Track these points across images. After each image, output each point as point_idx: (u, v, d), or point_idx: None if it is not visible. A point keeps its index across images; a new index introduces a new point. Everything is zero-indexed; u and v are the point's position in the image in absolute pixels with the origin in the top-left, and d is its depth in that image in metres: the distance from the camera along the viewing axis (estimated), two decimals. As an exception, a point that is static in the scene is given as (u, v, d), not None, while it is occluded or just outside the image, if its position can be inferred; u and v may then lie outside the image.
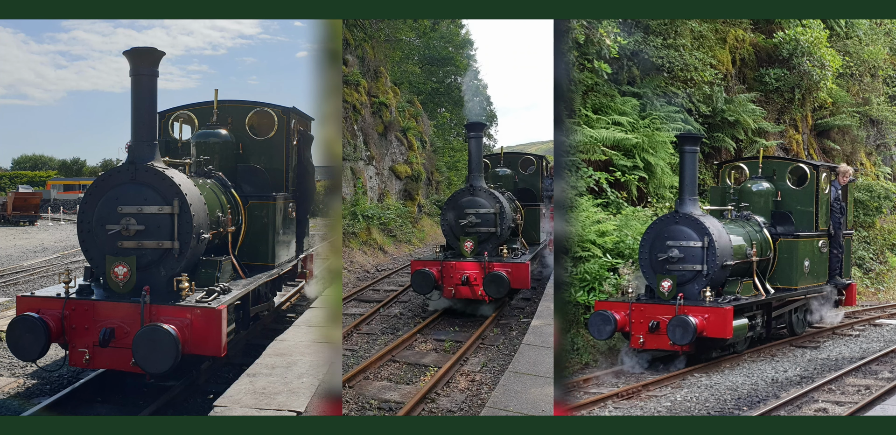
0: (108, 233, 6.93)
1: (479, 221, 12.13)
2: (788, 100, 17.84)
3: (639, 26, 14.57)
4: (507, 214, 12.30)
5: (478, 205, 12.30)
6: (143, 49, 7.07)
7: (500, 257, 11.87)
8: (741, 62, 17.40)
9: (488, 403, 6.64)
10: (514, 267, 11.44)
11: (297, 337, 7.89)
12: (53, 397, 7.05)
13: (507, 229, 12.37)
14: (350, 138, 20.82)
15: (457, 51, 40.47)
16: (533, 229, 15.06)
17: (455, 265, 11.59)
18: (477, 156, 12.64)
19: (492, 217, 12.20)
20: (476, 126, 12.91)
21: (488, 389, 7.62)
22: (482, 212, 12.20)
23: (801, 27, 17.07)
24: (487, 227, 12.16)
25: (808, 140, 19.35)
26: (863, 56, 20.31)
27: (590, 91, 13.65)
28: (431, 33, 37.80)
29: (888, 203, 18.83)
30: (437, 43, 39.11)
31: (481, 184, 12.52)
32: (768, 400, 7.92)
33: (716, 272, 9.38)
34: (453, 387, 7.73)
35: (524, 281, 11.53)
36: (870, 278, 17.80)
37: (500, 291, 11.15)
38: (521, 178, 15.61)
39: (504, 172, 15.33)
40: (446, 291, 11.61)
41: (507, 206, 12.47)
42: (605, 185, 12.85)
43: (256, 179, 9.36)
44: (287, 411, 5.40)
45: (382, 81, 24.80)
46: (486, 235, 12.19)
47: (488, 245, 12.06)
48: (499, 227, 12.12)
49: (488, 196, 12.31)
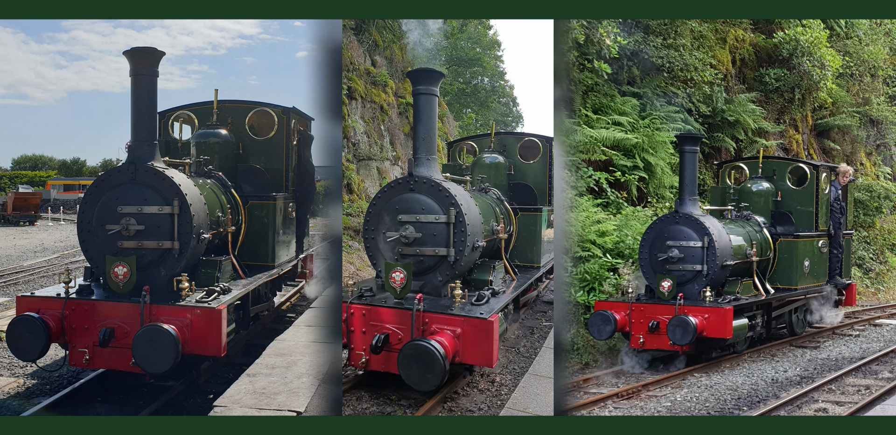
0: (108, 233, 6.93)
1: (419, 237, 7.49)
2: (788, 100, 17.85)
3: (639, 26, 14.58)
4: (470, 225, 7.57)
5: (417, 208, 7.56)
6: (143, 49, 7.07)
7: (446, 303, 7.13)
8: (741, 62, 17.41)
9: (507, 404, 6.64)
10: (447, 339, 6.56)
11: (297, 337, 7.89)
12: (53, 397, 7.04)
13: (472, 250, 7.68)
14: (377, 138, 20.95)
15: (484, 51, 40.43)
16: (529, 246, 10.59)
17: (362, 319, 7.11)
18: (428, 121, 7.88)
19: (441, 230, 7.48)
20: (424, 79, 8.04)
21: (508, 390, 7.61)
22: (423, 221, 7.50)
23: (801, 27, 17.08)
24: (433, 246, 7.50)
25: (808, 140, 19.35)
26: (863, 56, 20.32)
27: (590, 91, 13.66)
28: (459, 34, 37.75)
29: (888, 203, 18.84)
30: (465, 44, 39.05)
31: (426, 171, 7.74)
32: (768, 400, 7.92)
33: (716, 272, 9.39)
34: (473, 387, 7.72)
35: (483, 357, 6.61)
36: (870, 278, 17.80)
37: (423, 381, 6.33)
38: (518, 170, 11.39)
39: (494, 160, 11.16)
40: None
41: (472, 212, 7.81)
42: (605, 185, 12.85)
43: (256, 179, 9.36)
44: (287, 411, 5.40)
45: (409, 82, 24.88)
46: (431, 261, 7.53)
47: (434, 278, 7.58)
48: (453, 247, 7.47)
49: (432, 191, 7.57)
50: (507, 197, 10.98)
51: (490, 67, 41.04)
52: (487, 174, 11.04)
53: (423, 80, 7.89)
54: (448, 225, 7.49)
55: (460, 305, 7.00)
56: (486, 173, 11.04)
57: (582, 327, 10.14)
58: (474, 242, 7.71)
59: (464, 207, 7.60)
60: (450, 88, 37.07)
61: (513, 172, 11.50)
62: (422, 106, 7.92)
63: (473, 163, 11.43)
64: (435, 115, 8.04)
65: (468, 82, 39.82)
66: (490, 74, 41.70)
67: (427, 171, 7.76)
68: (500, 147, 11.86)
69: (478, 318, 6.67)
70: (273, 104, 9.84)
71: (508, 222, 9.99)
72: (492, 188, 10.66)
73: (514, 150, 11.85)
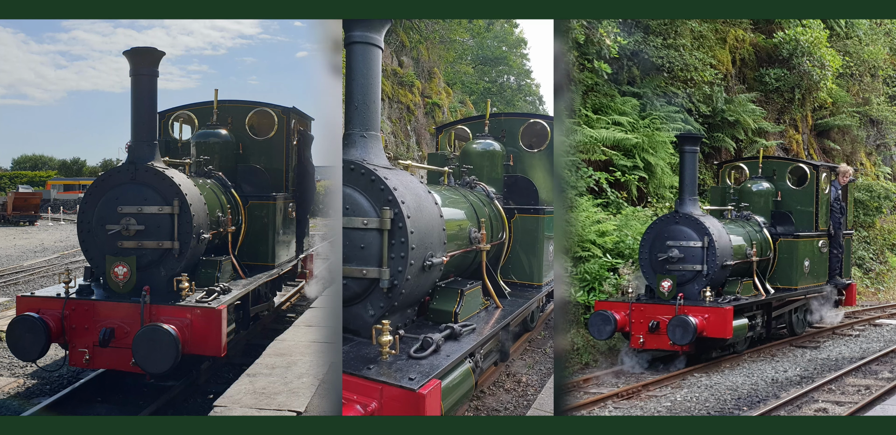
0: (108, 233, 6.93)
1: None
2: (788, 100, 17.86)
3: (639, 26, 14.58)
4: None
5: (358, 210, 5.30)
6: (143, 49, 7.06)
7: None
8: (741, 62, 17.42)
9: (534, 405, 6.64)
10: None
11: (297, 337, 7.88)
12: (53, 397, 7.04)
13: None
14: (403, 138, 21.04)
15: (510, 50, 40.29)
16: (528, 258, 8.66)
17: None
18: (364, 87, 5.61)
19: (373, 240, 5.27)
20: None
21: (535, 390, 7.62)
22: (366, 225, 5.25)
23: (801, 27, 17.09)
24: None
25: (808, 140, 19.35)
26: (863, 56, 20.33)
27: (590, 91, 13.66)
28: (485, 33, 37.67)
29: (888, 203, 18.85)
30: (491, 42, 38.93)
31: (359, 152, 5.51)
32: (768, 400, 7.92)
33: (716, 272, 9.38)
34: (499, 386, 7.73)
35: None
36: (870, 278, 17.81)
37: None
38: (520, 161, 9.56)
39: (486, 148, 9.25)
40: None
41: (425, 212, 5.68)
42: (605, 185, 12.85)
43: (256, 179, 9.36)
44: (287, 411, 5.40)
45: (436, 82, 24.99)
46: (363, 284, 5.33)
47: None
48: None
49: (369, 190, 5.31)
50: (503, 194, 8.93)
51: (516, 66, 40.88)
52: (478, 165, 8.96)
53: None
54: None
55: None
56: (476, 164, 8.95)
57: (582, 327, 10.14)
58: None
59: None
60: (476, 87, 36.98)
61: (512, 163, 9.32)
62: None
63: (462, 151, 9.39)
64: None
65: (494, 81, 39.63)
66: (516, 73, 41.52)
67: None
68: (497, 132, 9.71)
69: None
70: (273, 104, 9.84)
71: (500, 227, 8.20)
72: (479, 183, 8.57)
73: (515, 136, 9.71)
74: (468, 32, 32.67)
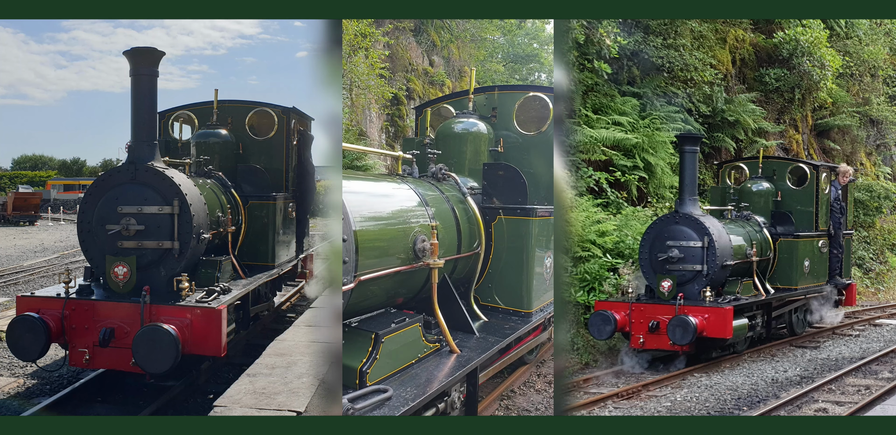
0: (108, 233, 6.92)
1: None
2: (788, 100, 17.86)
3: (639, 26, 14.58)
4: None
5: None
6: (143, 49, 7.06)
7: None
8: (741, 62, 17.42)
9: None
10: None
11: (297, 337, 7.88)
12: (53, 397, 7.04)
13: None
14: None
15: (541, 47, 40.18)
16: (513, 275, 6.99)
17: None
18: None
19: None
20: None
21: None
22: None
23: (801, 27, 17.09)
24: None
25: (808, 140, 19.35)
26: (863, 56, 20.33)
27: (590, 91, 13.65)
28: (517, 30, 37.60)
29: (888, 203, 18.85)
30: (522, 40, 38.82)
31: None
32: (768, 400, 7.92)
33: (716, 272, 9.38)
34: (530, 387, 7.71)
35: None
36: (870, 278, 17.81)
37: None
38: (514, 147, 8.02)
39: (467, 129, 7.70)
40: None
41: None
42: (605, 185, 12.85)
43: (256, 179, 9.36)
44: (287, 411, 5.40)
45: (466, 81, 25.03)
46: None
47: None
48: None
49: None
50: (482, 188, 7.15)
51: (547, 63, 40.73)
52: (455, 151, 7.32)
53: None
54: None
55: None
56: (453, 149, 7.33)
57: (582, 327, 10.13)
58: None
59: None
60: (507, 85, 36.96)
61: (502, 150, 7.63)
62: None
63: (437, 133, 7.78)
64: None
65: (525, 79, 39.50)
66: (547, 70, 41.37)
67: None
68: (487, 110, 7.88)
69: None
70: (273, 104, 9.84)
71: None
72: (450, 174, 7.00)
73: (509, 115, 7.88)
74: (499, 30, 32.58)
